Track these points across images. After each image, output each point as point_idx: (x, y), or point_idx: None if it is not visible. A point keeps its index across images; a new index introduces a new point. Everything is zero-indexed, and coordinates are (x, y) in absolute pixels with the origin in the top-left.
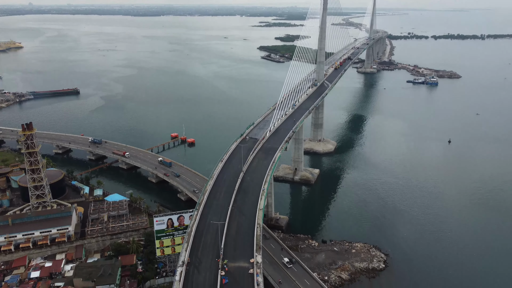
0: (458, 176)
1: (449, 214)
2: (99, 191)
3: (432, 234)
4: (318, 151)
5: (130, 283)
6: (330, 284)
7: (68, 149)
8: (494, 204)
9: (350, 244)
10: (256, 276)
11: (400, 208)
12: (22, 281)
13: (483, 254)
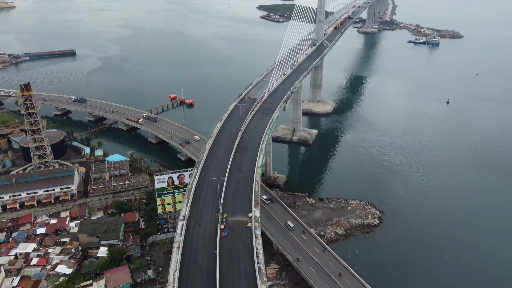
0: (455, 136)
1: (445, 173)
2: (100, 152)
3: (427, 192)
4: (317, 112)
5: (133, 238)
6: (326, 239)
7: (67, 111)
8: (490, 163)
9: (346, 201)
10: (254, 229)
11: (396, 167)
12: (28, 237)
13: (477, 210)
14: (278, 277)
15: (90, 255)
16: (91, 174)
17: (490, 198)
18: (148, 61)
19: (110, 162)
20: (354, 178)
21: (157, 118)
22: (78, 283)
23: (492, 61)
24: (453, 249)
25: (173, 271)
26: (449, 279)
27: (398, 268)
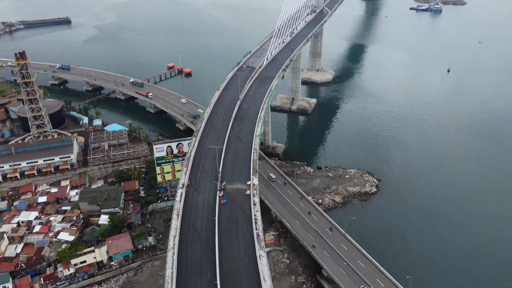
0: (455, 106)
1: (443, 142)
2: (98, 121)
3: (425, 162)
4: (316, 80)
5: (133, 206)
6: (324, 207)
7: (64, 80)
8: (489, 133)
9: (344, 170)
10: (253, 196)
11: (395, 137)
12: (30, 205)
13: (475, 180)
14: (277, 244)
15: (91, 223)
16: (90, 144)
17: (488, 168)
18: (145, 29)
19: (108, 131)
20: (353, 147)
21: (144, 83)
22: (80, 250)
23: (496, 29)
24: (448, 217)
25: (173, 238)
26: (444, 246)
27: (394, 235)
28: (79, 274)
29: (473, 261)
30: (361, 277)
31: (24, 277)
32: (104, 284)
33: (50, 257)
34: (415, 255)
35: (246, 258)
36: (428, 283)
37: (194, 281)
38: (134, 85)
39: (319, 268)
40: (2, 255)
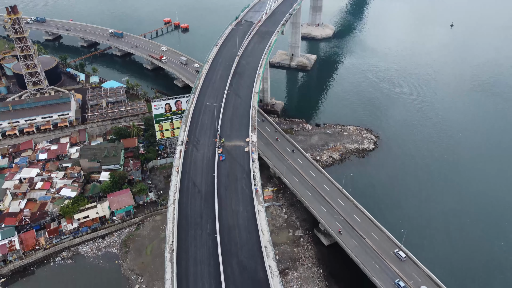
0: (457, 61)
1: (444, 99)
2: (95, 78)
3: (424, 118)
4: (316, 36)
5: (133, 163)
6: (322, 163)
7: (59, 36)
8: (491, 89)
9: (342, 127)
10: (252, 153)
11: (394, 93)
12: (31, 162)
13: (474, 135)
14: (275, 199)
15: (92, 179)
16: (88, 101)
17: (487, 125)
18: None
19: (106, 88)
20: (352, 104)
21: (123, 33)
22: (82, 205)
23: None
24: (445, 174)
25: (173, 193)
26: (439, 202)
27: (390, 191)
28: (82, 228)
29: (468, 216)
30: (356, 230)
31: (29, 231)
32: (107, 238)
33: (54, 212)
34: (410, 210)
35: (245, 213)
36: (421, 236)
37: (194, 235)
38: (114, 35)
39: (316, 222)
40: (6, 211)
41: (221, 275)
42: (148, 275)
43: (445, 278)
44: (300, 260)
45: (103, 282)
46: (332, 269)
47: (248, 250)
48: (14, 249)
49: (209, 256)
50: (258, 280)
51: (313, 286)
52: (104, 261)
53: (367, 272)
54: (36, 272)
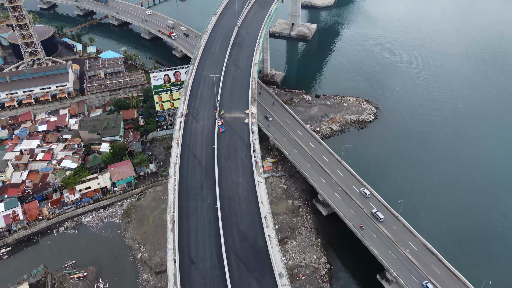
0: (460, 32)
1: (446, 70)
2: (92, 48)
3: (425, 89)
4: (317, 4)
5: (133, 134)
6: (321, 135)
7: (54, 4)
8: (493, 60)
9: (342, 98)
10: (251, 125)
11: (396, 64)
12: (31, 133)
13: (476, 107)
14: (274, 170)
15: (92, 151)
16: (86, 72)
17: (489, 94)
18: None
19: (104, 59)
20: (352, 74)
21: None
22: (84, 176)
23: None
24: (444, 145)
25: (174, 165)
26: (436, 174)
27: (389, 162)
28: (84, 199)
29: (464, 187)
30: (354, 200)
31: (32, 202)
32: (109, 208)
33: (55, 183)
34: (408, 181)
35: (245, 184)
36: (418, 206)
37: (195, 205)
38: (97, 0)
39: (315, 193)
40: (8, 182)
41: (222, 244)
42: (150, 244)
43: (441, 246)
44: (299, 230)
45: (107, 250)
46: (330, 238)
47: (248, 220)
48: (18, 219)
49: (209, 226)
50: (258, 249)
51: (311, 254)
52: (107, 230)
53: (364, 241)
54: (40, 242)
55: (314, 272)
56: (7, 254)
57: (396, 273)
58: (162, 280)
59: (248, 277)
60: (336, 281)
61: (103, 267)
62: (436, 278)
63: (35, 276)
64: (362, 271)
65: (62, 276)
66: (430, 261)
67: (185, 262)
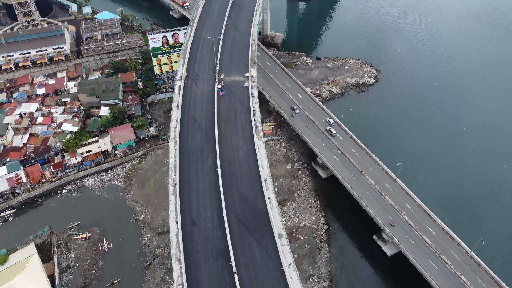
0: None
1: (449, 33)
2: (88, 9)
3: (427, 52)
4: None
5: (132, 98)
6: (321, 98)
7: None
8: (498, 23)
9: (343, 60)
10: (251, 88)
11: (398, 27)
12: (29, 97)
13: (479, 69)
14: (274, 133)
15: (92, 114)
16: (82, 33)
17: (493, 57)
18: None
19: (100, 20)
20: (354, 36)
21: None
22: (84, 140)
23: None
24: (444, 107)
25: (174, 129)
26: (436, 137)
27: (388, 125)
28: (86, 162)
29: (463, 150)
30: (353, 163)
31: (34, 165)
32: (111, 171)
33: (56, 146)
34: (407, 144)
35: (245, 147)
36: (417, 169)
37: (196, 168)
38: None
39: (314, 156)
40: (10, 145)
41: (222, 206)
42: (152, 206)
43: (437, 208)
44: (298, 192)
45: (110, 212)
46: (328, 200)
47: (248, 183)
48: (21, 182)
49: (210, 188)
50: (258, 211)
51: (310, 216)
52: (109, 193)
53: (362, 203)
54: (44, 204)
55: (312, 233)
56: (12, 215)
57: (392, 234)
58: (164, 241)
59: (248, 237)
60: (334, 241)
61: (107, 228)
62: (431, 238)
63: (41, 236)
64: (359, 231)
65: (67, 236)
66: (426, 222)
67: (186, 223)
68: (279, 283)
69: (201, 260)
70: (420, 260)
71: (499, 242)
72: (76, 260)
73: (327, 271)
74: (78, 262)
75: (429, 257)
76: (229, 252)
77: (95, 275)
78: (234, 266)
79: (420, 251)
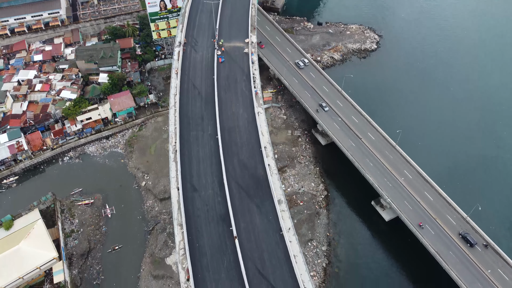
0: None
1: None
2: None
3: (431, 16)
4: None
5: (131, 64)
6: (322, 64)
7: None
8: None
9: (345, 26)
10: (251, 55)
11: None
12: (27, 63)
13: (483, 35)
14: (274, 100)
15: (91, 81)
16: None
17: (498, 23)
18: None
19: None
20: (356, 1)
21: None
22: (84, 107)
23: None
24: (445, 75)
25: (174, 96)
26: (437, 102)
27: (389, 92)
28: (86, 129)
29: (463, 118)
30: (353, 130)
31: (35, 133)
32: (111, 139)
33: (56, 114)
34: (408, 111)
35: (245, 114)
36: (416, 136)
37: (196, 135)
38: None
39: (314, 123)
40: (9, 113)
41: (223, 173)
42: (154, 172)
43: (435, 175)
44: (298, 159)
45: (112, 179)
46: (328, 167)
47: (249, 150)
48: (23, 150)
49: (211, 155)
50: (258, 177)
51: (309, 182)
52: (111, 160)
53: (361, 170)
54: (46, 171)
55: (311, 199)
56: (15, 182)
57: (391, 200)
58: (166, 206)
59: (248, 203)
60: (333, 207)
61: (109, 194)
62: (429, 204)
63: (45, 203)
64: (358, 197)
65: (70, 203)
66: (424, 188)
67: (188, 189)
68: (278, 247)
69: (202, 225)
70: (417, 225)
71: (495, 207)
72: (80, 225)
73: (326, 235)
74: (82, 227)
75: (426, 222)
76: (230, 217)
77: (99, 240)
78: (234, 230)
79: (417, 216)
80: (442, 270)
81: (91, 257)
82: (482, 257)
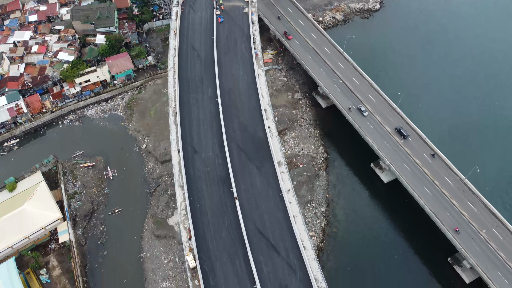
0: None
1: None
2: None
3: None
4: None
5: (128, 25)
6: (324, 25)
7: None
8: None
9: None
10: (251, 15)
11: None
12: (22, 24)
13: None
14: (275, 62)
15: (88, 43)
16: None
17: None
18: None
19: None
20: None
21: None
22: (82, 69)
23: None
24: (449, 37)
25: (172, 57)
26: (438, 65)
27: (391, 54)
28: (85, 92)
29: (465, 80)
30: (354, 93)
31: (33, 95)
32: (111, 101)
33: (54, 76)
34: (409, 74)
35: (245, 76)
36: (418, 98)
37: (196, 98)
38: None
39: (315, 85)
40: (7, 75)
41: (223, 135)
42: (154, 135)
43: (434, 137)
44: (298, 122)
45: (112, 142)
46: (328, 130)
47: (249, 112)
48: (22, 112)
49: (211, 118)
50: (258, 139)
51: (309, 144)
52: (111, 123)
53: (361, 132)
54: (47, 133)
55: (311, 161)
56: (17, 145)
57: (390, 162)
58: (167, 169)
59: (248, 165)
60: (332, 169)
61: (110, 157)
62: (427, 166)
63: (47, 165)
64: (357, 160)
65: (72, 165)
66: (423, 150)
67: (188, 151)
68: (278, 208)
69: (203, 187)
70: (415, 186)
71: (493, 169)
72: (82, 187)
73: (325, 197)
74: (85, 189)
75: (424, 183)
76: (230, 179)
77: (101, 201)
78: (235, 192)
79: (416, 178)
80: (438, 230)
81: (95, 218)
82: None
